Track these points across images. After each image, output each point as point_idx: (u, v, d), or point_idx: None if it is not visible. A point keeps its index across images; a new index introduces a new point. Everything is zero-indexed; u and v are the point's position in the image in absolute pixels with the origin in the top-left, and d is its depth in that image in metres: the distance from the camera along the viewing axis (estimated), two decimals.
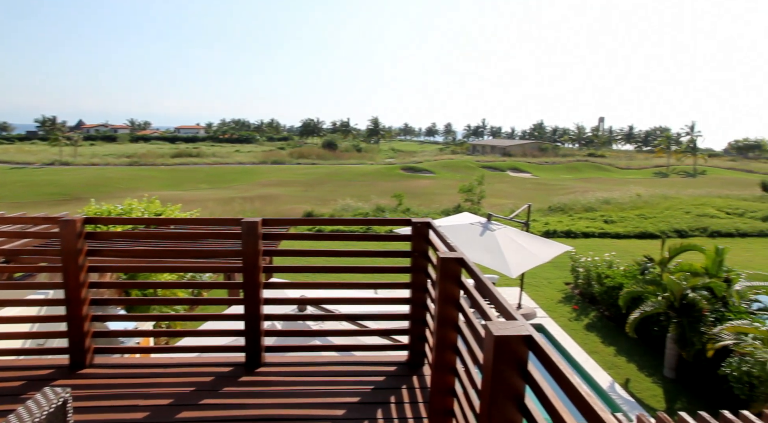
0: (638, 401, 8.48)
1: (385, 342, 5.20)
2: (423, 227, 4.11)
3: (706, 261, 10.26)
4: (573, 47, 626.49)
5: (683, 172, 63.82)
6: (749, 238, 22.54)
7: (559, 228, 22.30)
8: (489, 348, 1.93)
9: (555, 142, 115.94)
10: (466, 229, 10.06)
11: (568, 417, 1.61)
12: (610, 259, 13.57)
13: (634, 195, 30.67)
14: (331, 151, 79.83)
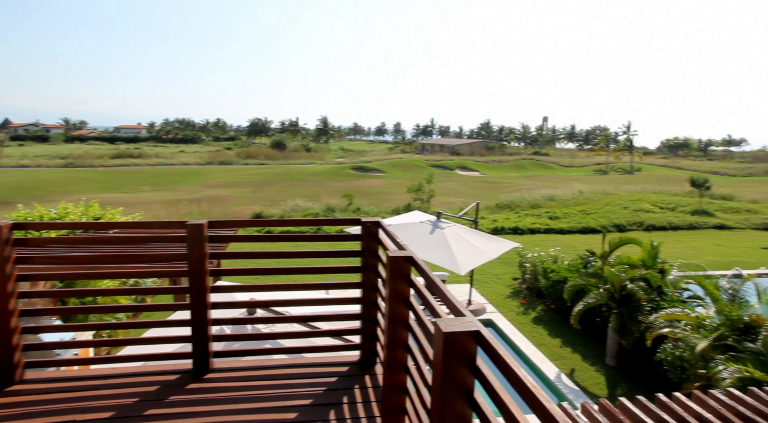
0: (583, 389, 8.82)
1: (337, 342, 5.17)
2: (373, 226, 4.11)
3: (643, 254, 10.79)
4: (517, 48, 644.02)
5: (621, 169, 66.83)
6: (680, 231, 23.87)
7: (507, 225, 22.87)
8: (438, 345, 1.95)
9: (501, 141, 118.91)
10: (416, 228, 10.15)
11: (515, 409, 1.65)
12: (555, 254, 14.04)
13: (576, 192, 31.84)
14: (280, 151, 78.73)
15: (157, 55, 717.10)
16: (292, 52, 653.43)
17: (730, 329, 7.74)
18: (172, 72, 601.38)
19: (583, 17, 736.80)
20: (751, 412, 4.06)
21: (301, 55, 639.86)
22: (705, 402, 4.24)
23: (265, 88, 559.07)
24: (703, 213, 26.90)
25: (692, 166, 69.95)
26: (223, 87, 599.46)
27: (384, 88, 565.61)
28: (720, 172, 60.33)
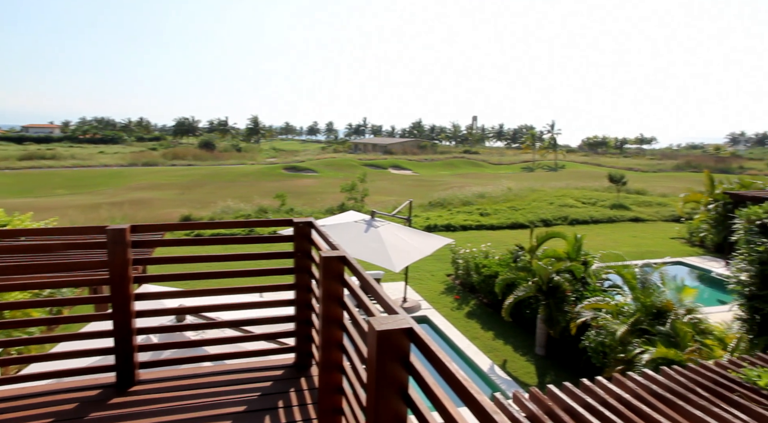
0: (514, 379, 9.16)
1: (272, 346, 5.07)
2: (305, 227, 4.06)
3: (568, 247, 11.35)
4: (447, 48, 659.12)
5: (546, 166, 69.93)
6: (601, 224, 25.32)
7: (440, 222, 23.34)
8: (372, 343, 1.96)
9: (433, 140, 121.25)
10: (350, 227, 10.14)
11: (448, 402, 1.68)
12: (486, 249, 14.48)
13: (505, 189, 32.99)
14: (209, 151, 76.15)
15: (71, 49, 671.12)
16: (221, 49, 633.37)
17: (645, 314, 8.30)
18: (88, 68, 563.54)
19: (509, 19, 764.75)
20: (663, 389, 4.37)
21: (230, 53, 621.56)
22: (624, 383, 4.52)
23: (193, 87, 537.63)
24: (621, 207, 28.68)
25: (610, 162, 74.36)
26: (147, 85, 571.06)
27: (316, 87, 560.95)
28: (634, 169, 64.47)
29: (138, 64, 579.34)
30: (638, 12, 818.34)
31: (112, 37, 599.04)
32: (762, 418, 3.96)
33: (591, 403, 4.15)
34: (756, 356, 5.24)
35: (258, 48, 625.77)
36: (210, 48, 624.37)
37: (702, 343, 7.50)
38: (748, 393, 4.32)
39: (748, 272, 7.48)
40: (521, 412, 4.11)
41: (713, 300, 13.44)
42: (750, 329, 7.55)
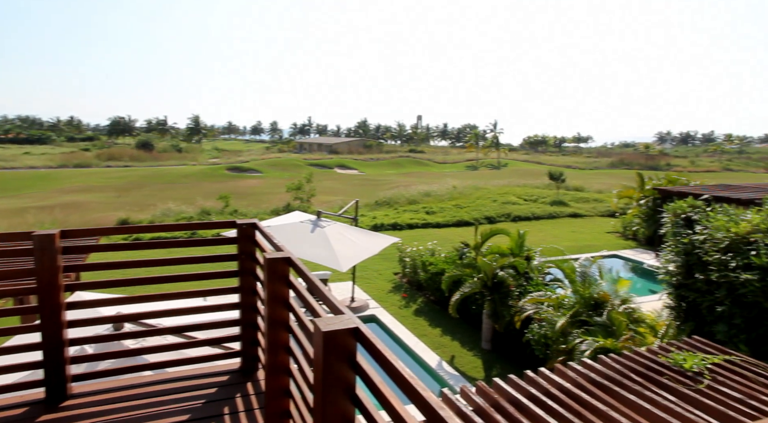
0: (462, 374, 9.33)
1: (216, 351, 4.93)
2: (249, 228, 3.98)
3: (511, 243, 11.67)
4: (391, 47, 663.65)
5: (490, 164, 71.67)
6: (542, 220, 26.23)
7: (386, 221, 23.47)
8: (318, 344, 1.94)
9: (379, 140, 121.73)
10: (296, 228, 10.02)
11: (395, 400, 1.68)
12: (432, 247, 14.68)
13: (450, 187, 33.58)
14: (148, 151, 73.25)
15: None
16: (159, 46, 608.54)
17: (584, 306, 8.66)
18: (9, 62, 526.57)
19: (450, 19, 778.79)
20: (600, 376, 4.58)
21: (169, 51, 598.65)
22: (565, 373, 4.69)
23: (129, 85, 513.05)
24: (560, 203, 29.82)
25: (550, 161, 77.12)
26: (77, 82, 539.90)
27: (260, 86, 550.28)
28: (572, 166, 67.19)
29: (67, 60, 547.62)
30: (573, 16, 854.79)
31: (37, 30, 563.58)
32: (687, 397, 4.22)
33: (534, 393, 4.28)
34: (682, 341, 5.57)
35: (199, 46, 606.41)
36: (147, 45, 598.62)
37: (635, 332, 7.90)
38: (676, 376, 4.59)
39: (675, 263, 7.94)
40: (468, 406, 4.19)
41: (645, 290, 14.19)
42: (677, 316, 8.03)
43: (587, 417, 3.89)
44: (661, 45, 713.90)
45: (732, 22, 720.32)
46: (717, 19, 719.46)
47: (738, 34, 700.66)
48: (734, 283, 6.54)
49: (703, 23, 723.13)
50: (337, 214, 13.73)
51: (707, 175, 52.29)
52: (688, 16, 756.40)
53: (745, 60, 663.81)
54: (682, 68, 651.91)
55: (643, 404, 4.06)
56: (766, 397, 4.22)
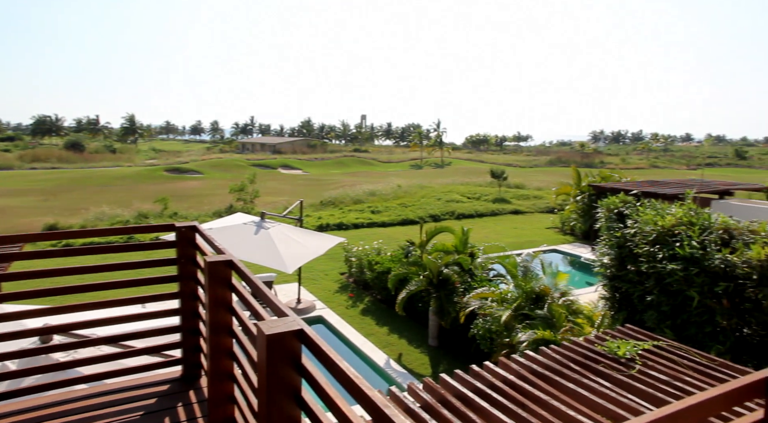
0: (410, 371, 9.42)
1: (156, 359, 4.74)
2: (188, 231, 3.85)
3: (455, 240, 11.89)
4: (334, 47, 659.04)
5: (434, 163, 72.72)
6: (485, 218, 26.89)
7: (332, 221, 23.36)
8: (262, 347, 1.91)
9: (323, 139, 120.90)
10: (239, 230, 9.80)
11: (341, 402, 1.67)
12: (378, 246, 14.74)
13: (395, 186, 33.82)
14: (78, 152, 69.39)
15: None
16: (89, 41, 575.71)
17: (526, 300, 8.94)
18: None
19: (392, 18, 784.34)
20: (542, 367, 4.74)
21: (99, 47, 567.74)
22: (508, 366, 4.82)
23: (55, 83, 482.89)
24: (502, 200, 30.66)
25: (491, 159, 79.10)
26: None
27: (200, 85, 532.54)
28: (513, 164, 69.22)
29: None
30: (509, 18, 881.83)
31: None
32: (621, 382, 4.44)
33: (480, 387, 4.38)
34: (616, 330, 5.85)
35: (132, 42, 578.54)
36: (75, 40, 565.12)
37: (574, 323, 8.25)
38: (611, 363, 4.82)
39: (609, 255, 8.33)
40: (416, 403, 4.23)
41: (583, 282, 14.83)
42: (612, 306, 8.43)
43: (530, 407, 4.02)
44: (592, 48, 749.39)
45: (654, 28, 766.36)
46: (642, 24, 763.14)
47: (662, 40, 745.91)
48: (661, 273, 6.93)
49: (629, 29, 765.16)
50: (281, 215, 13.53)
51: (637, 171, 55.31)
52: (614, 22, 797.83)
53: (668, 64, 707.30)
54: (612, 70, 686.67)
55: (581, 391, 4.24)
56: (689, 378, 4.50)
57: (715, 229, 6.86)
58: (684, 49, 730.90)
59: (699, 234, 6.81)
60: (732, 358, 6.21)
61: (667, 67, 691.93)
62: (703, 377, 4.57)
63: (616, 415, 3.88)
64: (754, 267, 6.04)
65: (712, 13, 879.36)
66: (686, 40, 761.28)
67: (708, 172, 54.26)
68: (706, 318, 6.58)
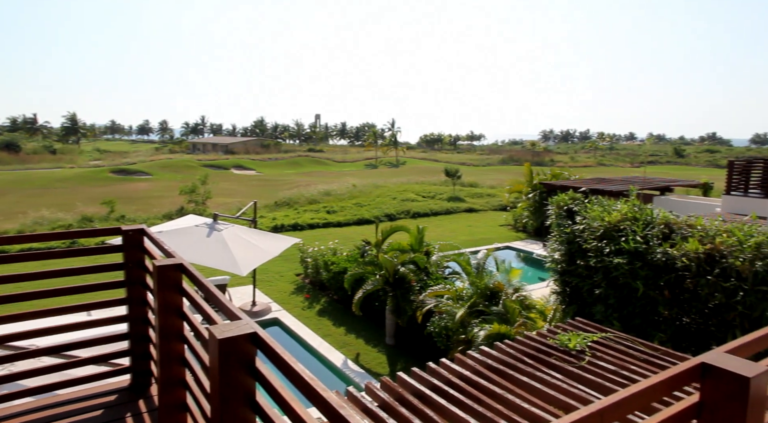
0: (367, 371, 9.42)
1: (103, 369, 4.55)
2: (136, 235, 3.71)
3: (411, 239, 11.97)
4: (288, 46, 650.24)
5: (389, 163, 73.00)
6: (440, 216, 27.20)
7: (287, 222, 23.09)
8: (214, 352, 1.86)
9: (277, 139, 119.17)
10: (191, 232, 9.53)
11: (296, 404, 1.65)
12: (334, 246, 14.67)
13: (350, 186, 33.76)
14: (13, 153, 65.64)
15: None
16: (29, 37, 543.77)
17: (480, 297, 9.10)
18: None
19: (347, 18, 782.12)
20: (497, 362, 4.84)
21: (37, 42, 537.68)
22: (464, 362, 4.90)
23: None
24: (457, 199, 31.10)
25: (445, 158, 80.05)
26: None
27: (147, 82, 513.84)
28: (467, 163, 70.29)
29: None
30: (465, 21, 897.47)
31: None
32: (572, 374, 4.59)
33: (437, 384, 4.42)
34: (567, 323, 6.04)
35: (73, 37, 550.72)
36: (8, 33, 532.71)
37: (527, 317, 8.46)
38: (562, 355, 4.97)
39: (560, 251, 8.59)
40: (374, 402, 4.23)
41: (535, 278, 15.21)
42: (563, 300, 8.69)
43: (486, 401, 4.09)
44: (543, 49, 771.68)
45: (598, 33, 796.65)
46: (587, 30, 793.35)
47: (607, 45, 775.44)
48: (608, 267, 7.21)
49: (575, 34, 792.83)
50: (234, 217, 13.27)
51: (585, 169, 57.33)
52: (561, 26, 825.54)
53: (613, 67, 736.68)
54: (561, 72, 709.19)
55: (535, 384, 4.35)
56: (634, 367, 4.70)
57: (657, 224, 7.19)
58: (627, 54, 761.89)
59: (642, 229, 7.12)
60: (673, 345, 6.53)
61: (612, 69, 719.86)
62: (647, 365, 4.78)
63: (567, 405, 4.00)
64: (692, 259, 6.36)
65: (649, 20, 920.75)
66: (629, 44, 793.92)
67: (650, 169, 56.81)
68: (649, 309, 6.89)
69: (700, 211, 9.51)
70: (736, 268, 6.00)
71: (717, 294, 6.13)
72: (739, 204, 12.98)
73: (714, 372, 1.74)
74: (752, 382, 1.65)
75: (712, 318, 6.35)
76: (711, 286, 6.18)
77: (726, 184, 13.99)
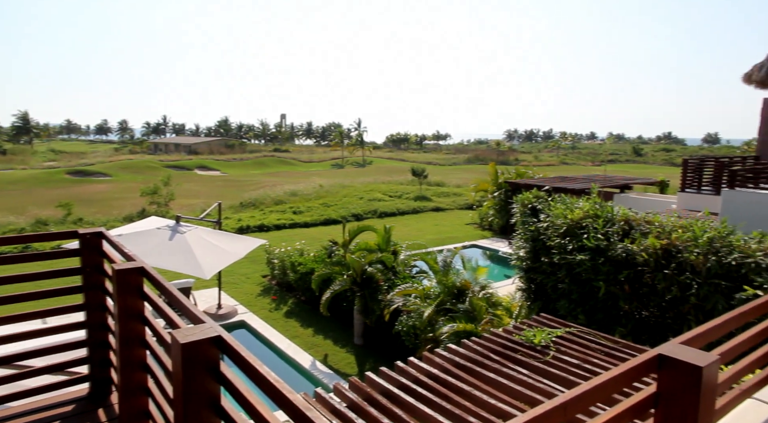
0: (336, 371, 9.38)
1: (61, 378, 4.39)
2: (94, 238, 3.59)
3: (378, 239, 11.98)
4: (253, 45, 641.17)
5: (355, 162, 72.87)
6: (407, 215, 27.32)
7: (252, 223, 22.79)
8: (177, 357, 1.82)
9: (241, 139, 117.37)
10: (153, 235, 9.29)
11: (262, 408, 1.63)
12: (301, 247, 14.55)
13: (317, 186, 33.56)
14: None
15: None
16: None
17: (448, 295, 9.18)
18: None
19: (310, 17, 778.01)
20: (464, 359, 4.89)
21: None
22: (432, 360, 4.93)
23: None
24: (423, 198, 31.29)
25: (412, 157, 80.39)
26: None
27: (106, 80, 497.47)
28: (433, 162, 70.74)
29: None
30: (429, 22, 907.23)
31: None
32: (537, 369, 4.68)
33: (405, 382, 4.44)
34: (533, 319, 6.16)
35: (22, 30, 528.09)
36: None
37: (494, 314, 8.57)
38: (528, 351, 5.06)
39: (525, 249, 8.74)
40: (342, 403, 4.21)
41: (501, 275, 15.46)
42: (528, 297, 8.85)
43: (454, 399, 4.13)
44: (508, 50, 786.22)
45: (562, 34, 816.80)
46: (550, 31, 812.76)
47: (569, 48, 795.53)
48: (572, 263, 7.38)
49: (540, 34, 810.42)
50: (198, 218, 13.01)
51: (548, 168, 58.52)
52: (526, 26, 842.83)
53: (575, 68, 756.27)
54: (526, 72, 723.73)
55: (501, 380, 4.41)
56: (597, 360, 4.83)
57: (617, 221, 7.40)
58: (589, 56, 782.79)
59: (603, 226, 7.32)
60: (633, 338, 6.73)
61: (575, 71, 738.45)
62: (609, 358, 4.92)
63: (533, 399, 4.07)
64: (650, 255, 6.58)
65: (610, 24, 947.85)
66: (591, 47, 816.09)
67: (610, 167, 58.49)
68: (611, 303, 7.08)
69: (657, 208, 9.84)
70: (691, 263, 6.23)
71: (673, 288, 6.35)
72: (693, 201, 13.48)
73: (669, 363, 1.80)
74: (705, 371, 1.72)
75: (669, 311, 6.58)
76: (668, 280, 6.40)
77: (681, 181, 14.52)
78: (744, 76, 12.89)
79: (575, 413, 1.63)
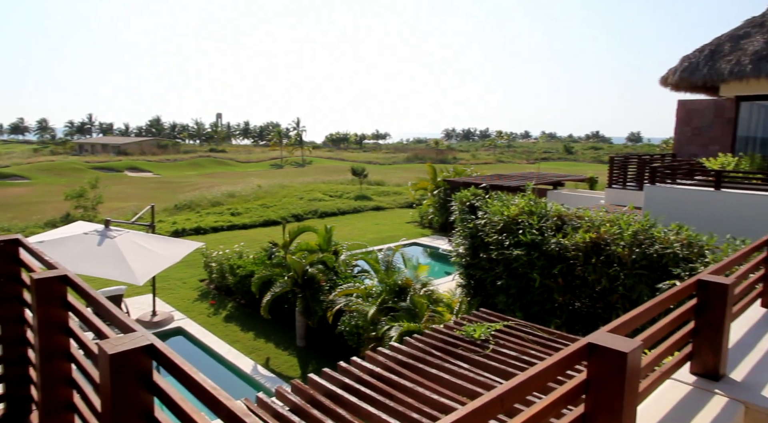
0: (278, 375, 9.23)
1: None
2: (8, 246, 3.34)
3: (319, 239, 11.89)
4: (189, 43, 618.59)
5: (294, 162, 71.97)
6: (347, 215, 27.28)
7: (188, 226, 22.04)
8: (105, 369, 1.72)
9: (175, 139, 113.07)
10: (79, 241, 8.77)
11: (199, 416, 1.57)
12: (240, 249, 14.21)
13: (255, 187, 32.88)
14: None
15: None
16: None
17: (389, 293, 9.24)
18: None
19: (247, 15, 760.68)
20: (406, 357, 4.94)
21: None
22: (375, 359, 4.94)
23: None
24: (364, 197, 31.35)
25: (352, 157, 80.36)
26: None
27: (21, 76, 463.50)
28: (373, 162, 71.01)
29: None
30: (367, 20, 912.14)
31: None
32: (477, 362, 4.80)
33: (348, 382, 4.42)
34: (473, 314, 6.31)
35: None
36: None
37: (435, 311, 8.71)
38: (468, 345, 5.18)
39: (464, 245, 8.95)
40: (285, 407, 4.15)
41: (442, 272, 15.72)
42: (468, 293, 9.07)
43: (397, 396, 4.15)
44: (443, 50, 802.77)
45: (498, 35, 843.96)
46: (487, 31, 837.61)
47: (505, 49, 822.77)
48: (509, 258, 7.62)
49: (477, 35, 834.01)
50: (129, 222, 12.42)
51: (485, 166, 60.02)
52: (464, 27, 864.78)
53: (509, 69, 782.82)
54: (463, 72, 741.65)
55: (443, 375, 4.49)
56: (534, 352, 5.01)
57: (551, 217, 7.71)
58: (523, 57, 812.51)
59: (538, 221, 7.60)
60: (567, 329, 7.05)
61: (510, 71, 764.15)
62: (545, 349, 5.11)
63: (474, 393, 4.17)
64: (581, 248, 6.90)
65: (542, 26, 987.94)
66: (525, 48, 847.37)
67: (543, 165, 60.86)
68: (546, 296, 7.37)
69: (587, 204, 10.34)
70: (618, 255, 6.59)
71: (602, 279, 6.69)
72: (619, 196, 14.25)
73: (598, 350, 1.89)
74: (629, 356, 1.83)
75: (599, 301, 6.93)
76: (597, 271, 6.74)
77: (608, 178, 15.30)
78: (661, 79, 13.74)
79: (512, 403, 1.68)
